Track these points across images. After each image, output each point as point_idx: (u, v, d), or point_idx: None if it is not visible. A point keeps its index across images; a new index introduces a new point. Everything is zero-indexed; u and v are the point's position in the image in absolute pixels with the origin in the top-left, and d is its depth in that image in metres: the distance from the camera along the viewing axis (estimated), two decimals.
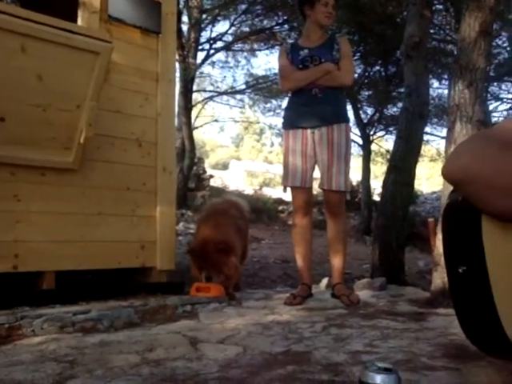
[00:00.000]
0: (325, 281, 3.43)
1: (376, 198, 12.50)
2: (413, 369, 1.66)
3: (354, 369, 1.65)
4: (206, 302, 2.75)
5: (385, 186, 4.49)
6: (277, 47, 12.70)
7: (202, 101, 14.86)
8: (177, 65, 10.61)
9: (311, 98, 2.93)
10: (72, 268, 2.70)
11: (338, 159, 2.89)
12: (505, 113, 14.86)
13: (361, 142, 13.23)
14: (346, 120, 3.02)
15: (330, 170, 2.89)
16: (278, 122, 18.30)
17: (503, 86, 13.43)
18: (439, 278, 2.82)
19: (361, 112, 13.14)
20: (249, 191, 16.84)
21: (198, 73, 12.14)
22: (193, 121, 12.85)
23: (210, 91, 14.83)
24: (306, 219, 3.02)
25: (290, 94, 3.16)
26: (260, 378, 1.53)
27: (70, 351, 1.82)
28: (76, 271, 2.76)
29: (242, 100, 15.60)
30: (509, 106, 14.02)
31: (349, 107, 12.58)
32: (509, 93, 13.36)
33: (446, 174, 1.05)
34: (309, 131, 2.94)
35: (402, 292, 3.21)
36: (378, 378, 0.94)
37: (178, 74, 10.80)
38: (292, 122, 3.03)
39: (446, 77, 11.42)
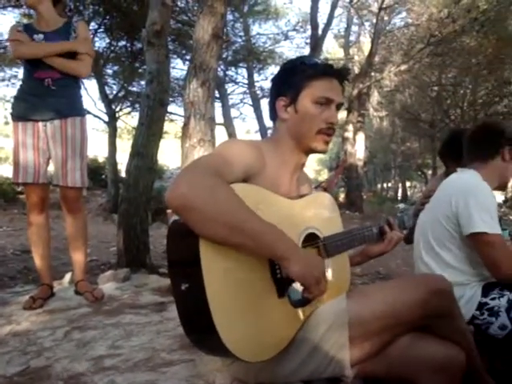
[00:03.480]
0: (68, 276, 3.32)
1: (123, 174, 12.52)
2: (152, 368, 1.77)
3: (96, 377, 1.68)
4: None
5: (128, 171, 4.52)
6: (10, 8, 11.38)
7: None
8: None
9: (44, 88, 2.75)
10: None
11: (73, 154, 2.79)
12: (241, 96, 16.49)
13: (106, 119, 12.97)
14: (82, 113, 2.90)
15: (65, 166, 2.78)
16: (14, 93, 16.67)
17: (239, 71, 14.84)
18: None
19: (106, 88, 12.85)
20: None
21: None
22: None
23: None
24: (41, 217, 2.86)
25: (20, 83, 2.91)
26: None
27: None
28: None
29: None
30: (244, 89, 15.57)
31: (93, 82, 12.19)
32: (244, 78, 14.81)
33: (168, 202, 1.16)
34: (40, 124, 2.76)
35: (146, 281, 3.29)
36: None
37: None
38: (22, 113, 2.79)
39: (189, 58, 12.00)
